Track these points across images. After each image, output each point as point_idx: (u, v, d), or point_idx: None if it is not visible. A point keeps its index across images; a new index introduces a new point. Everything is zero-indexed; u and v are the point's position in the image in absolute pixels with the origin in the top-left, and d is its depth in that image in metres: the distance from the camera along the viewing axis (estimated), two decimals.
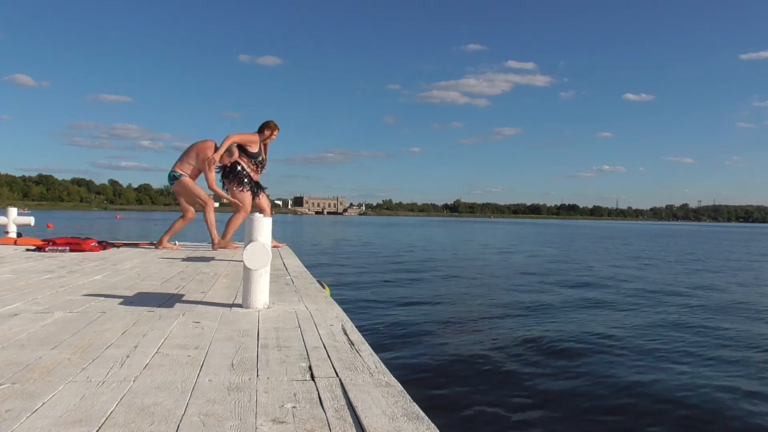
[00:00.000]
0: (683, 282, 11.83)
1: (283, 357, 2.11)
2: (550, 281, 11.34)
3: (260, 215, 3.18)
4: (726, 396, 4.23)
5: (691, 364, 5.08)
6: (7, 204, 39.62)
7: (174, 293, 3.61)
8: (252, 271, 3.04)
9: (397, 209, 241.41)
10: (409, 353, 5.18)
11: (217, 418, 1.48)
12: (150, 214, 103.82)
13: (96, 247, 6.65)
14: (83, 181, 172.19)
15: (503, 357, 5.20)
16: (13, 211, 8.42)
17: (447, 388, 4.24)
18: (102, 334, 2.40)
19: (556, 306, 8.10)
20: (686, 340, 6.01)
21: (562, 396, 4.16)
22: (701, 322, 7.02)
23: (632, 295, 9.54)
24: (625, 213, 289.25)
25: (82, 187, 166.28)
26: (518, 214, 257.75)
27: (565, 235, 43.97)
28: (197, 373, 1.88)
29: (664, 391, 4.32)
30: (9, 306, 3.01)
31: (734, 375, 4.78)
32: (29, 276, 4.31)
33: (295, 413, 1.54)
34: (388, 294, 8.99)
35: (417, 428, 1.45)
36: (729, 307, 8.40)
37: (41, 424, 1.41)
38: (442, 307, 7.78)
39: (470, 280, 11.40)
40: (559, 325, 6.60)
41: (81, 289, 3.67)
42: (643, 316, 7.44)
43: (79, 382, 1.75)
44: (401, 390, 1.75)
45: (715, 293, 10.05)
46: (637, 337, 6.12)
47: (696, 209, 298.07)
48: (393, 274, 12.17)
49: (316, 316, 2.96)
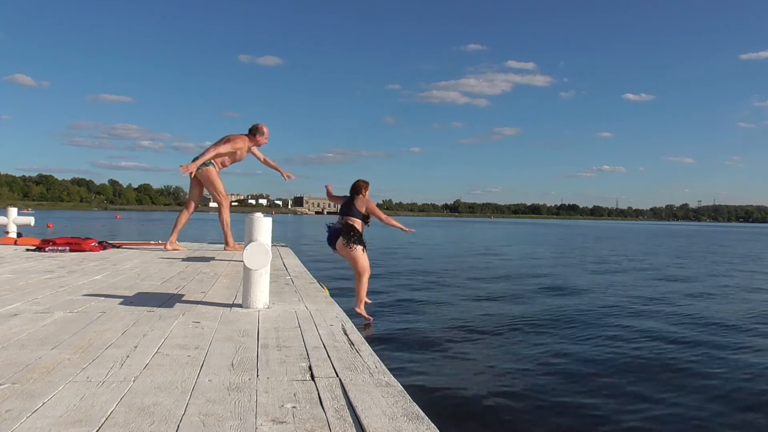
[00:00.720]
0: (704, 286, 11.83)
1: (283, 357, 2.11)
2: (546, 284, 11.35)
3: (260, 215, 3.18)
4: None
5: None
6: (7, 204, 39.62)
7: (174, 293, 3.62)
8: (252, 271, 3.04)
9: (397, 209, 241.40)
10: (409, 353, 5.18)
11: (217, 418, 1.48)
12: (150, 214, 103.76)
13: (96, 247, 6.65)
14: (83, 181, 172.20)
15: (503, 357, 5.20)
16: (13, 211, 8.43)
17: (447, 388, 4.24)
18: (102, 334, 2.41)
19: (556, 306, 8.10)
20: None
21: (563, 396, 4.16)
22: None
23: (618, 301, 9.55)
24: (625, 213, 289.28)
25: (82, 187, 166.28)
26: (518, 214, 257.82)
27: (565, 235, 43.99)
28: (197, 373, 1.88)
29: (664, 391, 4.33)
30: (9, 306, 3.01)
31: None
32: (29, 276, 4.31)
33: (295, 413, 1.54)
34: (388, 293, 8.99)
35: (417, 428, 1.45)
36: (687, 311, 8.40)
37: (41, 424, 1.41)
38: (442, 307, 7.78)
39: (470, 280, 11.41)
40: (560, 325, 6.60)
41: (81, 289, 3.67)
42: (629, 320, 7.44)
43: (79, 382, 1.75)
44: (401, 390, 1.75)
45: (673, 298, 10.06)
46: (637, 336, 6.13)
47: (696, 209, 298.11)
48: (392, 272, 12.18)
49: (316, 316, 2.96)
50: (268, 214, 3.63)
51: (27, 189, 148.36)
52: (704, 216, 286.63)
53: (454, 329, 6.30)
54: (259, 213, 3.52)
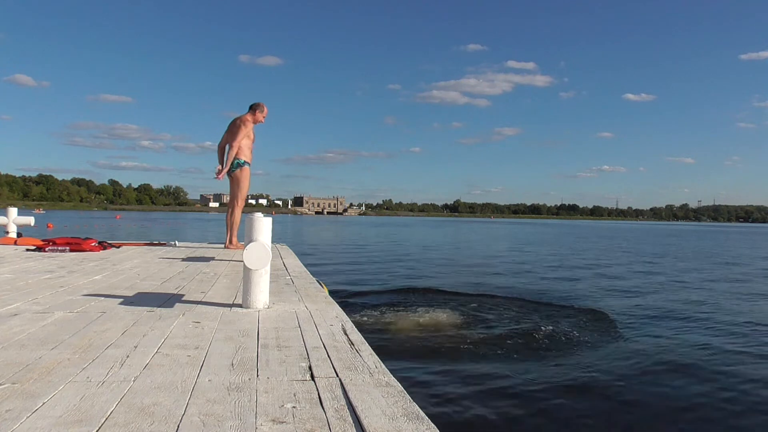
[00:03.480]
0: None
1: (283, 357, 2.11)
2: (552, 285, 11.34)
3: (260, 215, 3.18)
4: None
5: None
6: (7, 204, 39.59)
7: (174, 293, 3.61)
8: (252, 271, 3.04)
9: (397, 209, 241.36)
10: (409, 353, 5.18)
11: (217, 418, 1.48)
12: (150, 214, 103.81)
13: (96, 247, 6.65)
14: (83, 181, 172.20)
15: (504, 357, 5.20)
16: (13, 211, 8.42)
17: (447, 388, 4.24)
18: (102, 334, 2.40)
19: (558, 305, 8.10)
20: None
21: (563, 396, 4.16)
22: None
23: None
24: (625, 213, 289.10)
25: (82, 187, 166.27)
26: (518, 214, 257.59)
27: (563, 234, 43.98)
28: (197, 373, 1.88)
29: (665, 392, 4.33)
30: (9, 306, 3.01)
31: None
32: (29, 276, 4.31)
33: (295, 413, 1.54)
34: (388, 294, 8.99)
35: (417, 428, 1.45)
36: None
37: (41, 424, 1.41)
38: (442, 307, 7.78)
39: (470, 279, 11.40)
40: (560, 325, 6.60)
41: (81, 289, 3.67)
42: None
43: (79, 382, 1.75)
44: (401, 390, 1.75)
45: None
46: (636, 338, 6.13)
47: (696, 209, 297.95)
48: (392, 273, 12.17)
49: (316, 316, 2.96)
50: (268, 214, 3.63)
51: (27, 189, 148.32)
52: (704, 216, 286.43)
53: (455, 329, 6.29)
54: (259, 213, 3.51)
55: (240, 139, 6.72)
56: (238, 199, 6.94)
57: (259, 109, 6.90)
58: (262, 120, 7.00)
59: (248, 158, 6.88)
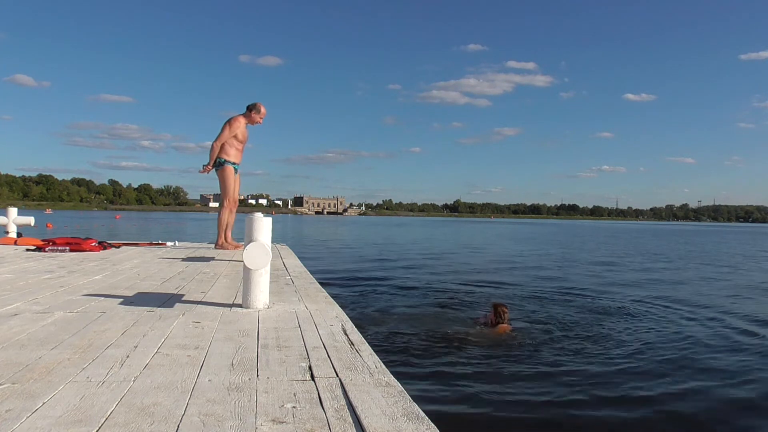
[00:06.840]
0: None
1: (283, 357, 2.11)
2: (556, 286, 11.34)
3: (260, 215, 3.18)
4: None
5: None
6: (7, 204, 39.57)
7: (174, 293, 3.62)
8: (252, 271, 3.04)
9: (397, 209, 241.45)
10: (409, 353, 5.18)
11: (217, 418, 1.48)
12: (150, 214, 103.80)
13: (96, 247, 6.65)
14: (83, 181, 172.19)
15: (504, 357, 5.20)
16: (13, 210, 8.43)
17: (447, 388, 4.24)
18: (102, 334, 2.40)
19: (559, 304, 8.10)
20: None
21: (564, 396, 4.16)
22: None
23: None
24: (625, 213, 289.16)
25: (82, 187, 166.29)
26: (518, 214, 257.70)
27: (561, 234, 44.01)
28: (197, 373, 1.88)
29: (664, 393, 4.33)
30: (9, 306, 3.01)
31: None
32: (29, 276, 4.31)
33: (295, 413, 1.54)
34: (387, 294, 8.99)
35: (417, 428, 1.45)
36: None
37: (41, 424, 1.41)
38: (443, 307, 7.78)
39: (470, 279, 11.41)
40: (560, 325, 6.60)
41: (81, 289, 3.67)
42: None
43: (79, 382, 1.75)
44: (401, 390, 1.75)
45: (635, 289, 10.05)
46: (637, 337, 6.13)
47: (696, 209, 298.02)
48: (393, 273, 12.18)
49: (316, 316, 2.96)
50: (268, 214, 3.63)
51: (27, 189, 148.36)
52: (704, 216, 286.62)
53: (455, 329, 6.29)
54: (259, 213, 3.52)
55: (223, 138, 6.74)
56: (223, 200, 6.94)
57: (255, 110, 6.89)
58: (259, 121, 6.99)
59: (232, 158, 6.86)
